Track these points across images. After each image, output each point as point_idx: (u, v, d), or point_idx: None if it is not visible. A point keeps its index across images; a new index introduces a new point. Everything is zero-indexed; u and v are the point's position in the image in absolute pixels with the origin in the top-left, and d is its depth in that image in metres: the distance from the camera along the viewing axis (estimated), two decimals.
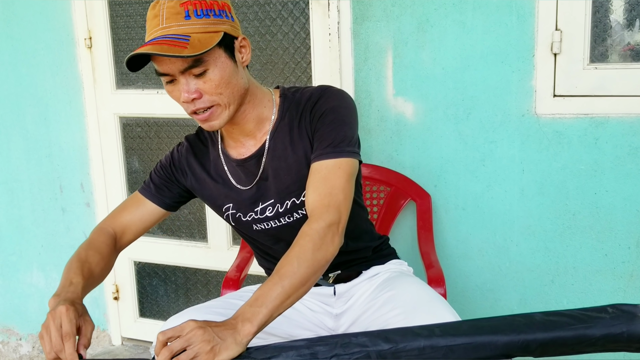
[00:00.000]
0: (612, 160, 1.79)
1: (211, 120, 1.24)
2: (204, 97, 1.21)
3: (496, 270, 1.97)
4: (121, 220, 1.40)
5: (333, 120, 1.27)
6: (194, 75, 1.19)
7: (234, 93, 1.24)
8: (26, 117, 2.51)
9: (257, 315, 1.04)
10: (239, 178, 1.37)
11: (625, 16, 1.75)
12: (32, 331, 2.72)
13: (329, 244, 1.15)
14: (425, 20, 1.88)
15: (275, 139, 1.33)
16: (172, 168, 1.43)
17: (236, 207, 1.39)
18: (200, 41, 1.16)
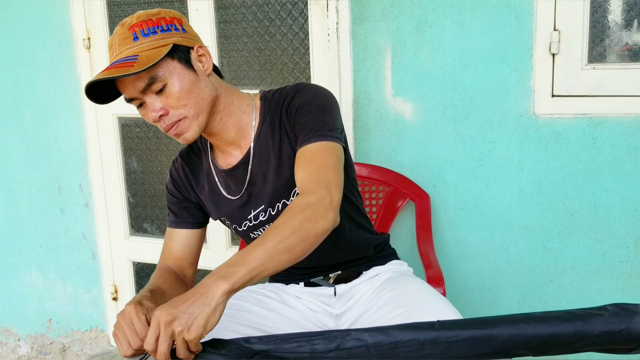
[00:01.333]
0: (611, 160, 1.79)
1: (183, 133, 1.24)
2: (170, 113, 1.22)
3: (495, 270, 1.97)
4: (171, 257, 1.41)
5: (310, 110, 1.26)
6: (154, 93, 1.20)
7: (199, 102, 1.23)
8: (25, 118, 2.50)
9: (234, 274, 0.98)
10: (228, 188, 1.38)
11: (623, 16, 1.75)
12: (30, 332, 2.72)
13: (321, 217, 1.09)
14: (424, 20, 1.88)
15: (259, 144, 1.33)
16: (178, 190, 1.44)
17: (230, 218, 1.40)
18: (147, 57, 1.17)
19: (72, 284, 2.60)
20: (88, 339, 2.64)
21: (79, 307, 2.62)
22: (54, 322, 2.68)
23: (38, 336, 2.72)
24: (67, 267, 2.59)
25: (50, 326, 2.69)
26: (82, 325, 2.64)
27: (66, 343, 2.68)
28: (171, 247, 1.42)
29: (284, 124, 1.31)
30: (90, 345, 2.64)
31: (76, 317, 2.64)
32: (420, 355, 1.01)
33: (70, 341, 2.67)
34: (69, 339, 2.67)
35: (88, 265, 2.56)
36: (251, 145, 1.33)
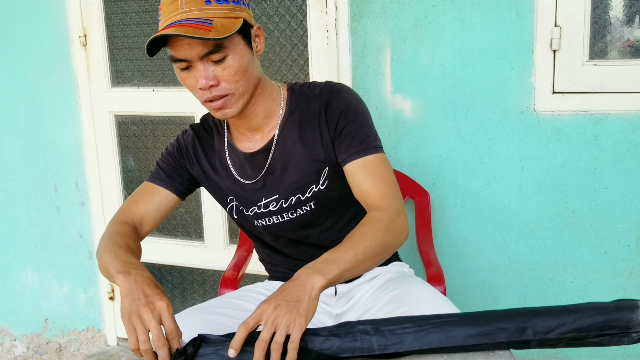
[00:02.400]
0: (612, 157, 1.78)
1: (225, 108, 1.23)
2: (221, 85, 1.20)
3: (495, 269, 1.96)
4: (137, 211, 1.36)
5: (356, 118, 1.29)
6: (212, 61, 1.18)
7: (249, 82, 1.23)
8: (20, 116, 2.48)
9: (329, 272, 1.04)
10: (243, 171, 1.36)
11: (624, 12, 1.74)
12: (26, 332, 2.70)
13: (400, 231, 1.18)
14: (424, 16, 1.87)
15: (284, 133, 1.32)
16: (180, 155, 1.41)
17: (239, 200, 1.38)
18: (222, 26, 1.15)
19: (69, 283, 2.58)
20: (84, 338, 2.62)
21: (75, 306, 2.60)
22: (50, 321, 2.66)
23: (34, 336, 2.70)
24: (63, 267, 2.57)
25: (47, 326, 2.67)
26: (79, 325, 2.62)
27: (62, 343, 2.66)
28: (144, 202, 1.37)
29: (319, 122, 1.31)
30: (86, 345, 2.62)
31: (72, 317, 2.62)
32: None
33: (66, 341, 2.65)
34: (65, 339, 2.65)
35: (84, 265, 2.54)
36: (276, 133, 1.32)
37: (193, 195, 2.35)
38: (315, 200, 1.34)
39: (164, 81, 2.30)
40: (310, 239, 1.40)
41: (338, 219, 1.40)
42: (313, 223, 1.38)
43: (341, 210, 1.40)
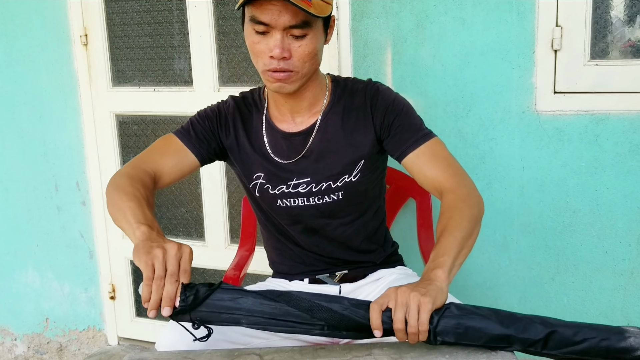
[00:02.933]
0: (613, 157, 1.78)
1: (285, 82, 1.25)
2: (291, 60, 1.22)
3: (496, 268, 1.96)
4: (162, 165, 1.33)
5: (403, 111, 1.34)
6: (292, 35, 1.21)
7: (313, 66, 1.27)
8: (21, 115, 2.48)
9: (444, 263, 1.06)
10: (279, 150, 1.37)
11: (625, 12, 1.74)
12: (27, 331, 2.70)
13: (478, 201, 1.21)
14: (425, 16, 1.87)
15: (327, 120, 1.36)
16: (217, 121, 1.41)
17: (267, 177, 1.38)
18: (320, 6, 1.20)
19: (69, 283, 2.58)
20: (85, 338, 2.62)
21: (76, 306, 2.60)
22: (50, 321, 2.66)
23: (35, 336, 2.69)
24: (64, 266, 2.57)
25: (47, 325, 2.67)
26: (79, 325, 2.62)
27: (63, 342, 2.66)
28: (169, 157, 1.35)
29: (364, 116, 1.34)
30: (87, 345, 2.62)
31: (73, 317, 2.62)
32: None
33: (67, 341, 2.65)
34: (66, 339, 2.65)
35: (85, 264, 2.54)
36: (318, 119, 1.36)
37: (194, 195, 2.35)
38: (344, 190, 1.36)
39: (164, 81, 2.30)
40: (327, 230, 1.41)
41: (359, 215, 1.42)
42: (335, 213, 1.39)
43: (364, 207, 1.42)
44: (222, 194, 2.29)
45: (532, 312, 1.95)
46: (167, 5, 2.23)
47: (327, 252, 1.43)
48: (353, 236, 1.43)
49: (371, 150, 1.36)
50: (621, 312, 1.86)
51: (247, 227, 1.94)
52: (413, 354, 1.05)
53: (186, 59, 2.23)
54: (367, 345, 1.11)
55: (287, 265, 1.48)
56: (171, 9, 2.22)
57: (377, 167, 1.41)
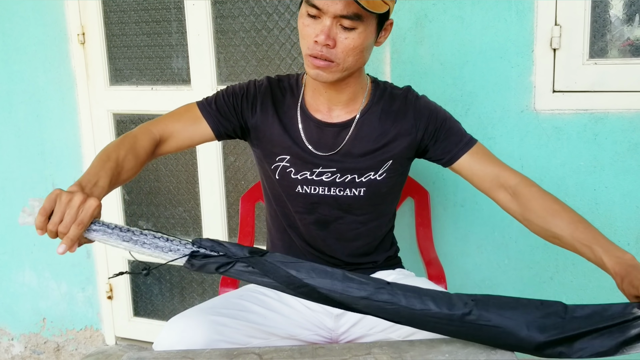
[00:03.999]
0: (612, 156, 1.78)
1: (323, 71, 1.25)
2: (334, 50, 1.23)
3: (495, 267, 1.96)
4: (172, 128, 1.36)
5: (449, 117, 1.42)
6: (341, 25, 1.21)
7: (356, 62, 1.27)
8: (18, 114, 2.47)
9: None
10: (311, 138, 1.38)
11: (624, 11, 1.74)
12: (24, 331, 2.69)
13: None
14: (424, 15, 1.86)
15: (364, 118, 1.37)
16: (244, 98, 1.40)
17: (292, 161, 1.38)
18: (375, 2, 1.19)
19: (66, 282, 2.57)
20: (82, 338, 2.61)
21: (73, 306, 2.59)
22: (47, 321, 2.65)
23: (32, 335, 2.69)
24: (61, 266, 2.56)
25: (44, 325, 2.66)
26: (77, 324, 2.61)
27: (60, 342, 2.65)
28: (183, 124, 1.37)
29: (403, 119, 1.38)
30: (84, 345, 2.62)
31: (70, 316, 2.61)
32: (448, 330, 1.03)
33: (64, 340, 2.65)
34: (63, 338, 2.65)
35: (82, 264, 2.53)
36: (357, 116, 1.37)
37: (192, 194, 2.35)
38: (366, 187, 1.37)
39: (162, 79, 2.29)
40: (339, 225, 1.41)
41: (374, 218, 1.43)
42: (352, 209, 1.40)
43: (380, 210, 1.44)
44: (220, 193, 2.29)
45: None
46: (165, 4, 2.22)
47: (332, 251, 1.43)
48: (363, 236, 1.43)
49: (402, 154, 1.38)
50: None
51: (245, 226, 1.93)
52: (413, 353, 1.05)
53: (184, 58, 2.23)
54: (366, 344, 1.11)
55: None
56: (169, 7, 2.22)
57: (402, 172, 1.43)
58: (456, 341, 1.08)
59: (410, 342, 1.10)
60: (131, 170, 1.24)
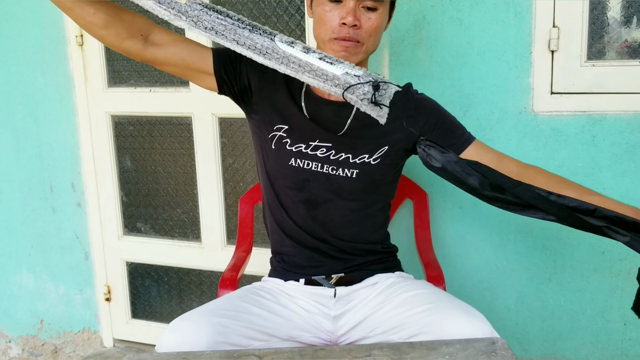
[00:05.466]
0: (610, 157, 1.78)
1: (350, 53, 1.32)
2: (360, 30, 1.30)
3: (493, 269, 1.96)
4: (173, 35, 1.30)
5: (449, 114, 1.46)
6: (364, 7, 1.30)
7: (375, 43, 1.36)
8: (16, 116, 2.47)
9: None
10: (313, 110, 1.41)
11: (622, 13, 1.75)
12: (21, 333, 2.68)
13: None
14: (422, 17, 1.87)
15: None
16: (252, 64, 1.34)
17: (289, 132, 1.39)
18: None
19: (64, 284, 2.57)
20: (80, 340, 2.61)
21: (71, 308, 2.59)
22: (45, 323, 2.64)
23: (29, 337, 2.68)
24: (59, 268, 2.56)
25: (42, 327, 2.65)
26: (75, 327, 2.61)
27: (58, 344, 2.65)
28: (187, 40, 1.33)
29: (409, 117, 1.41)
30: (82, 347, 2.61)
31: (68, 318, 2.60)
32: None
33: (62, 342, 2.64)
34: (61, 341, 2.64)
35: (80, 266, 2.53)
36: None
37: (190, 196, 2.35)
38: (359, 170, 1.38)
39: (161, 81, 2.29)
40: (329, 208, 1.41)
41: (364, 206, 1.43)
42: (343, 192, 1.40)
43: (372, 198, 1.44)
44: (218, 195, 2.28)
45: (529, 312, 1.96)
46: None
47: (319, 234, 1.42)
48: (351, 224, 1.43)
49: (399, 142, 1.41)
50: (618, 312, 1.86)
51: (244, 227, 1.93)
52: (413, 354, 1.05)
53: None
54: (366, 346, 1.11)
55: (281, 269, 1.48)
56: None
57: (397, 164, 1.45)
58: (456, 343, 1.08)
59: (411, 344, 1.10)
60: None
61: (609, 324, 1.88)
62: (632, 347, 1.88)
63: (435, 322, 1.16)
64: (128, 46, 1.25)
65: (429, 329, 1.17)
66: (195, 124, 2.25)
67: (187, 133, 2.29)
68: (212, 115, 2.20)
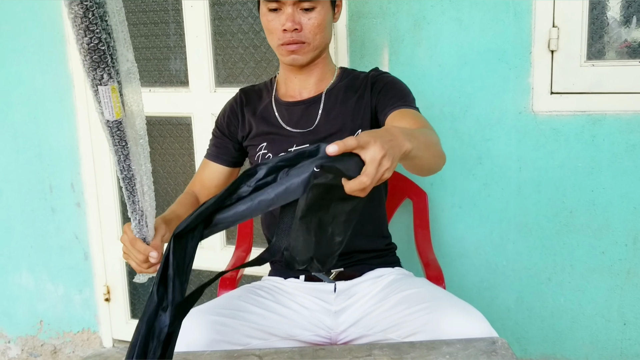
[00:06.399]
0: (609, 157, 1.79)
1: (297, 54, 1.38)
2: (302, 32, 1.36)
3: (493, 269, 1.96)
4: (199, 184, 1.54)
5: (398, 86, 1.42)
6: (302, 9, 1.34)
7: (324, 39, 1.40)
8: (15, 116, 2.47)
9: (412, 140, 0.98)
10: (284, 118, 1.47)
11: (622, 13, 1.75)
12: (21, 334, 2.68)
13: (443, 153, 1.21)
14: (422, 17, 1.87)
15: (330, 93, 1.47)
16: (227, 122, 1.53)
17: (269, 146, 1.46)
18: None
19: (64, 284, 2.57)
20: (80, 340, 2.61)
21: (70, 308, 2.58)
22: (45, 323, 2.64)
23: (29, 338, 2.68)
24: (58, 268, 2.55)
25: (41, 328, 2.65)
26: (74, 327, 2.60)
27: (57, 345, 2.65)
28: (202, 175, 1.55)
29: (365, 90, 1.43)
30: (82, 347, 2.61)
31: (67, 319, 2.60)
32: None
33: (61, 343, 2.64)
34: (60, 341, 2.64)
35: (80, 266, 2.52)
36: (323, 93, 1.47)
37: None
38: None
39: (160, 81, 2.29)
40: None
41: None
42: None
43: None
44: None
45: (529, 312, 1.96)
46: (163, 6, 2.22)
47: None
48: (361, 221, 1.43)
49: (369, 123, 1.43)
50: (618, 312, 1.86)
51: (244, 227, 1.93)
52: (413, 354, 1.04)
53: (182, 60, 2.23)
54: (366, 346, 1.11)
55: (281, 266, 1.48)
56: (167, 9, 2.22)
57: None
58: (456, 342, 1.08)
59: (411, 343, 1.10)
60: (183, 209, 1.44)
61: (609, 323, 1.88)
62: (632, 347, 1.88)
63: (434, 321, 1.16)
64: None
65: (427, 328, 1.16)
66: (194, 124, 2.25)
67: (187, 133, 2.29)
68: (212, 115, 2.20)
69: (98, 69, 0.88)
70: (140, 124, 0.97)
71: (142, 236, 1.14)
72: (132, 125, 0.96)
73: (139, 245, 1.14)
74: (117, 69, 0.91)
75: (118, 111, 0.93)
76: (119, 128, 0.94)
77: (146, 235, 1.14)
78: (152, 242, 1.16)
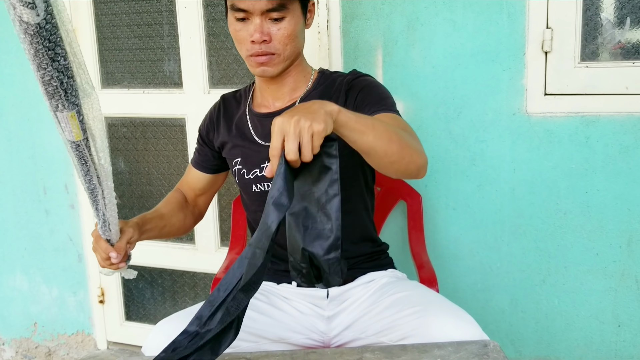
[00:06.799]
0: (603, 159, 1.78)
1: (267, 66, 1.32)
2: (272, 43, 1.30)
3: (487, 270, 1.96)
4: (186, 185, 1.58)
5: (377, 89, 1.35)
6: (270, 19, 1.28)
7: (295, 48, 1.34)
8: (9, 118, 2.46)
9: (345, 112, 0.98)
10: (257, 131, 1.43)
11: (615, 14, 1.75)
12: (15, 336, 2.67)
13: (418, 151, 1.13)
14: (416, 18, 1.86)
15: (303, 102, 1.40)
16: (206, 131, 1.53)
17: (243, 162, 1.43)
18: None
19: (58, 286, 2.56)
20: (74, 342, 2.60)
21: (64, 310, 2.58)
22: (39, 325, 2.63)
23: (23, 340, 2.67)
24: (52, 270, 2.55)
25: (36, 330, 2.64)
26: (68, 329, 2.59)
27: (52, 347, 2.64)
28: (187, 179, 1.58)
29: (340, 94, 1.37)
30: (76, 349, 2.60)
31: (62, 321, 2.59)
32: None
33: (55, 345, 2.63)
34: (54, 343, 2.63)
35: (74, 268, 2.52)
36: (297, 102, 1.41)
37: None
38: None
39: (154, 83, 2.28)
40: None
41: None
42: None
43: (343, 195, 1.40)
44: None
45: (523, 314, 1.96)
46: (157, 7, 2.21)
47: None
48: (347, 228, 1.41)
49: None
50: (612, 313, 1.86)
51: (238, 230, 1.92)
52: (405, 357, 1.04)
53: (176, 61, 2.22)
54: (358, 349, 1.10)
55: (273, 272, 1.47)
56: (161, 10, 2.21)
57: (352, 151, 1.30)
58: (448, 345, 1.07)
59: (403, 346, 1.09)
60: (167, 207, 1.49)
61: (603, 325, 1.88)
62: (626, 349, 1.87)
63: (424, 325, 1.15)
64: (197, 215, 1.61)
65: (417, 332, 1.16)
66: (188, 125, 2.24)
67: (181, 134, 2.29)
68: None
69: (53, 99, 0.94)
70: (101, 145, 1.03)
71: (106, 237, 1.24)
72: (93, 146, 1.02)
73: (102, 244, 1.24)
74: (72, 100, 0.94)
75: (77, 134, 0.98)
76: (77, 149, 1.01)
77: (110, 237, 1.24)
78: (117, 244, 1.25)
